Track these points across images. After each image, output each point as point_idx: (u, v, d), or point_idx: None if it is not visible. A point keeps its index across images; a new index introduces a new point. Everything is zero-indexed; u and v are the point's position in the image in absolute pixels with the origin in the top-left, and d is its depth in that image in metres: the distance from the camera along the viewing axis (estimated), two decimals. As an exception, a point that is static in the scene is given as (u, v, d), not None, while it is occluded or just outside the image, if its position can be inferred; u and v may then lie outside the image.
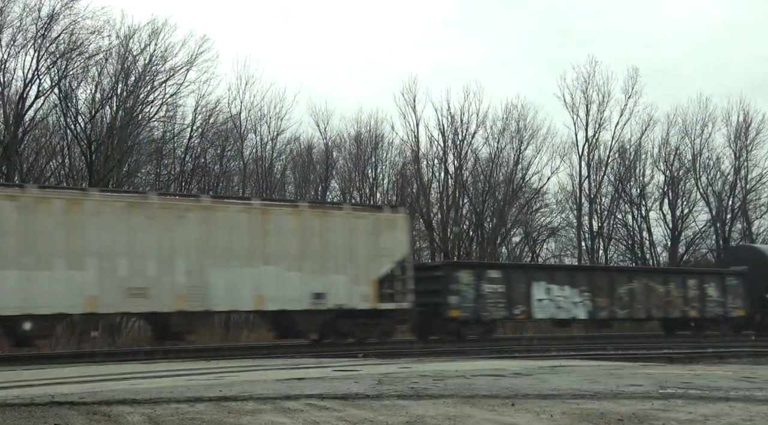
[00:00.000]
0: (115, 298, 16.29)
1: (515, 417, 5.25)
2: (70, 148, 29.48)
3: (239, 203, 18.82)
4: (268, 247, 18.13)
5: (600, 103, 39.08)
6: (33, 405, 5.68)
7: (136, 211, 16.83)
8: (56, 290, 15.64)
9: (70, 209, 16.12)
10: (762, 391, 6.71)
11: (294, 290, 18.30)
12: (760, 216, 42.09)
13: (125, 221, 16.59)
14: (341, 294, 18.99)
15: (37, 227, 15.61)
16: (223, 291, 17.49)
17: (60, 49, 26.93)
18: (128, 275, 16.45)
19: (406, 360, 12.51)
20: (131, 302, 16.54)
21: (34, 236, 15.54)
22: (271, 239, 18.18)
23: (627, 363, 11.74)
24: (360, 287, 19.32)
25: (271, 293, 18.01)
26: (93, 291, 16.03)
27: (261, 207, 18.60)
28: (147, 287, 16.61)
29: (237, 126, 34.00)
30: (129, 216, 16.68)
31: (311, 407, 5.66)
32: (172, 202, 18.00)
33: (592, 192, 39.82)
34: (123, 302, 16.47)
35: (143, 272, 16.62)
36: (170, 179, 32.19)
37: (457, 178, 38.03)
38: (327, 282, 18.80)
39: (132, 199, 17.34)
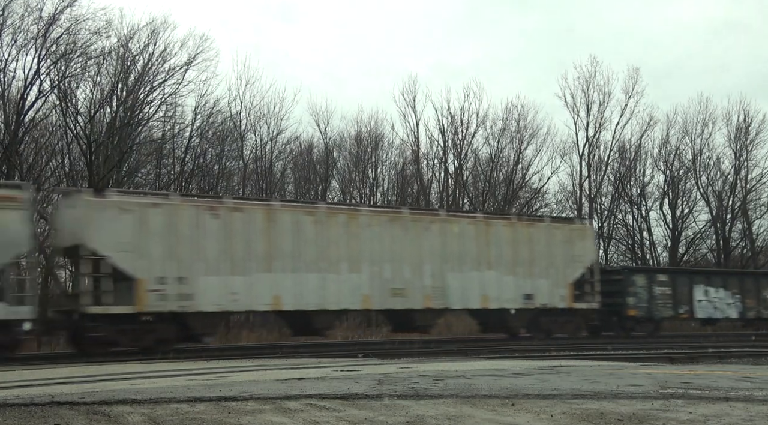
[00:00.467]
0: (382, 297, 19.46)
1: (515, 417, 5.25)
2: (70, 148, 29.48)
3: (467, 217, 22.42)
4: (490, 254, 21.36)
5: (601, 104, 39.12)
6: (33, 405, 5.68)
7: (395, 223, 20.15)
8: (342, 290, 18.88)
9: (349, 221, 19.47)
10: (762, 391, 6.70)
11: (509, 292, 21.48)
12: (760, 216, 42.11)
13: (388, 232, 19.84)
14: (545, 295, 22.11)
15: (328, 237, 18.89)
16: (458, 292, 20.64)
17: (60, 50, 26.95)
18: (391, 278, 19.66)
19: (406, 360, 12.51)
20: (393, 301, 19.68)
21: (326, 244, 18.81)
22: (492, 247, 21.43)
23: (627, 363, 11.74)
24: (559, 289, 22.48)
25: (493, 294, 21.28)
26: (367, 291, 19.26)
27: (484, 220, 21.99)
28: (404, 288, 19.77)
29: (237, 126, 34.03)
30: (390, 228, 19.98)
31: (311, 407, 5.66)
32: (420, 215, 21.34)
33: (592, 192, 39.83)
34: (387, 301, 19.62)
35: (401, 276, 19.82)
36: (170, 179, 32.19)
37: (457, 178, 38.04)
38: (534, 285, 21.94)
39: (391, 213, 21.18)
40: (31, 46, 26.66)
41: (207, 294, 17.10)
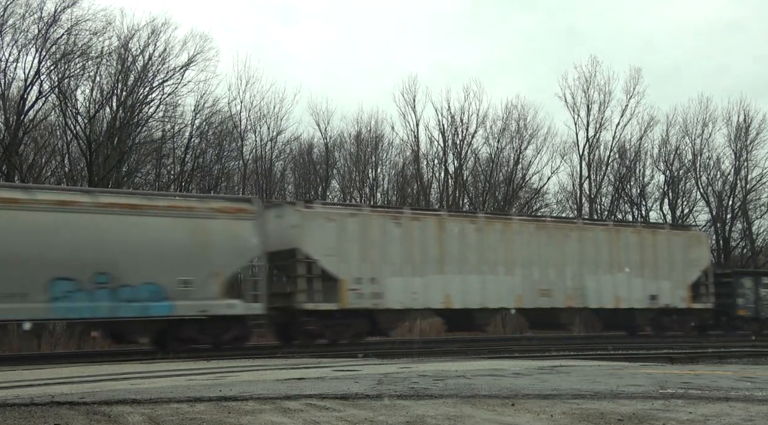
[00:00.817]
0: (532, 296, 21.67)
1: (515, 417, 5.25)
2: (70, 148, 29.50)
3: (600, 225, 24.68)
4: (621, 258, 23.44)
5: (601, 104, 39.12)
6: (33, 405, 5.67)
7: (541, 231, 22.40)
8: (499, 290, 21.17)
9: (504, 229, 21.79)
10: (762, 391, 6.70)
11: (637, 293, 23.63)
12: (760, 216, 42.10)
13: (536, 239, 22.07)
14: (667, 296, 24.28)
15: (487, 243, 21.17)
16: (594, 292, 22.82)
17: (61, 50, 26.96)
18: (539, 279, 21.85)
19: (406, 360, 12.51)
20: (541, 300, 21.86)
21: (485, 249, 21.08)
22: (622, 252, 23.56)
23: (627, 363, 11.74)
24: (679, 290, 24.64)
25: (624, 295, 23.32)
26: (519, 291, 21.51)
27: (614, 228, 24.34)
28: (549, 289, 21.96)
29: (237, 126, 34.04)
30: (537, 235, 22.15)
31: (311, 407, 5.66)
32: (562, 224, 24.01)
33: (592, 192, 39.83)
34: (536, 300, 21.79)
35: (547, 278, 21.99)
36: (170, 179, 32.20)
37: (457, 178, 38.05)
38: (658, 286, 24.07)
39: (537, 222, 23.41)
40: (32, 46, 26.70)
41: (393, 293, 19.55)
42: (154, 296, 16.21)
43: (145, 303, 16.08)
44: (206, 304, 16.69)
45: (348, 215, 19.45)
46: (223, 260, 16.92)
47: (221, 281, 16.99)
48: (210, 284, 16.76)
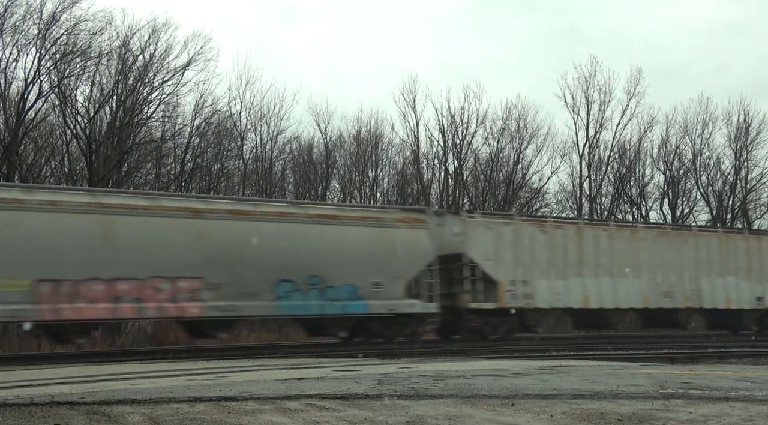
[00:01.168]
0: (656, 297, 23.49)
1: (515, 417, 5.25)
2: (70, 148, 29.50)
3: (712, 231, 26.65)
4: (730, 263, 25.13)
5: (601, 104, 39.12)
6: (33, 405, 5.67)
7: (662, 237, 24.30)
8: (629, 292, 23.00)
9: (631, 236, 23.68)
10: (762, 391, 6.70)
11: (745, 294, 25.24)
12: (760, 216, 42.09)
13: (658, 245, 23.92)
14: None
15: (617, 249, 23.06)
16: (708, 294, 24.49)
17: (61, 50, 26.96)
18: (661, 282, 23.64)
19: (406, 360, 12.51)
20: (663, 301, 23.63)
21: (616, 254, 22.95)
22: (731, 257, 25.20)
23: (627, 363, 11.74)
24: None
25: (734, 296, 25.03)
26: (646, 292, 23.38)
27: (724, 234, 26.08)
28: (670, 291, 23.77)
29: (237, 126, 34.05)
30: (659, 241, 24.08)
31: (311, 407, 5.66)
32: (680, 230, 26.04)
33: (592, 192, 39.84)
34: (660, 301, 23.57)
35: (668, 280, 23.78)
36: (170, 179, 32.20)
37: (457, 178, 38.05)
38: (763, 289, 25.69)
39: (659, 229, 25.51)
40: (32, 46, 26.70)
41: (541, 294, 21.66)
42: (352, 295, 18.69)
43: (345, 302, 18.59)
44: (393, 303, 19.16)
45: (503, 224, 21.88)
46: (406, 264, 19.40)
47: (404, 283, 19.48)
48: (395, 285, 19.25)
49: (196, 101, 31.30)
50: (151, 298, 16.34)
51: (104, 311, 15.93)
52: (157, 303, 16.39)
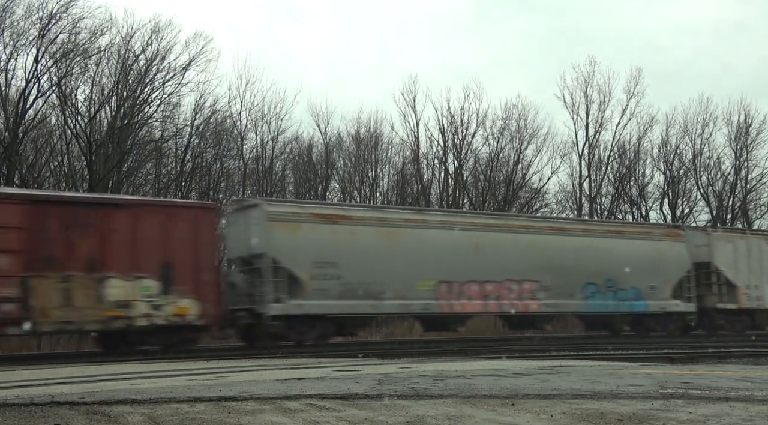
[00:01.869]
0: None
1: (515, 417, 5.25)
2: (70, 148, 29.49)
3: None
4: None
5: (601, 104, 39.14)
6: (33, 405, 5.67)
7: None
8: None
9: None
10: (762, 391, 6.70)
11: None
12: (760, 216, 42.14)
13: None
14: None
15: None
16: None
17: (61, 50, 26.96)
18: None
19: (406, 360, 12.51)
20: None
21: None
22: None
23: (627, 363, 11.73)
24: None
25: None
26: None
27: None
28: None
29: (237, 126, 34.05)
30: None
31: (311, 407, 5.66)
32: None
33: (592, 192, 39.84)
34: None
35: None
36: (170, 179, 32.21)
37: (457, 178, 38.05)
38: None
39: None
40: (32, 46, 26.70)
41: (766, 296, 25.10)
42: (636, 296, 22.95)
43: (631, 302, 22.90)
44: (664, 303, 23.41)
45: (738, 237, 25.76)
46: (672, 271, 23.58)
47: (671, 286, 23.56)
48: (665, 288, 23.41)
49: (196, 101, 31.33)
50: (506, 296, 20.95)
51: (478, 306, 20.65)
52: (509, 301, 20.96)
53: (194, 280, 16.51)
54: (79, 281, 15.33)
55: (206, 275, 16.80)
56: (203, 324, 17.00)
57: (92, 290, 15.49)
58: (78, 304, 15.29)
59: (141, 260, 15.93)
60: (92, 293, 15.48)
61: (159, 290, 16.18)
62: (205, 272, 16.80)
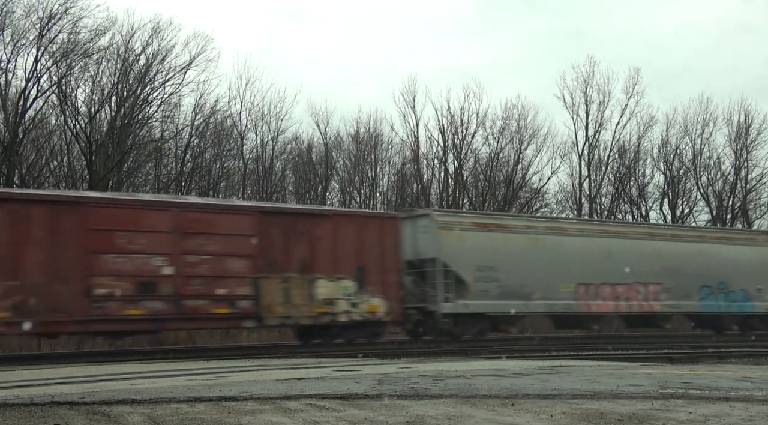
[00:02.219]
0: None
1: (515, 417, 5.25)
2: (70, 148, 29.49)
3: None
4: None
5: (600, 104, 39.15)
6: (33, 405, 5.67)
7: None
8: None
9: None
10: (762, 391, 6.70)
11: None
12: (760, 216, 42.16)
13: None
14: None
15: None
16: None
17: (61, 49, 26.96)
18: None
19: (406, 360, 12.51)
20: None
21: None
22: None
23: (627, 363, 11.73)
24: None
25: None
26: None
27: None
28: None
29: (237, 126, 34.05)
30: None
31: (311, 407, 5.66)
32: None
33: (592, 192, 39.85)
34: None
35: None
36: (170, 179, 32.20)
37: (457, 178, 38.06)
38: None
39: None
40: (32, 46, 26.70)
41: None
42: (744, 298, 24.96)
43: (740, 303, 24.90)
44: (765, 305, 25.21)
45: None
46: None
47: None
48: None
49: (196, 101, 31.34)
50: (634, 297, 23.16)
51: (610, 306, 22.77)
52: (636, 301, 23.24)
53: (382, 281, 18.99)
54: (295, 282, 17.78)
55: (391, 277, 19.24)
56: (389, 320, 19.47)
57: (305, 290, 17.92)
58: (295, 302, 17.77)
59: (341, 264, 18.37)
60: (305, 292, 17.91)
61: (355, 289, 18.55)
62: (390, 274, 19.22)
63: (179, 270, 16.33)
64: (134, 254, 15.92)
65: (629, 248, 23.29)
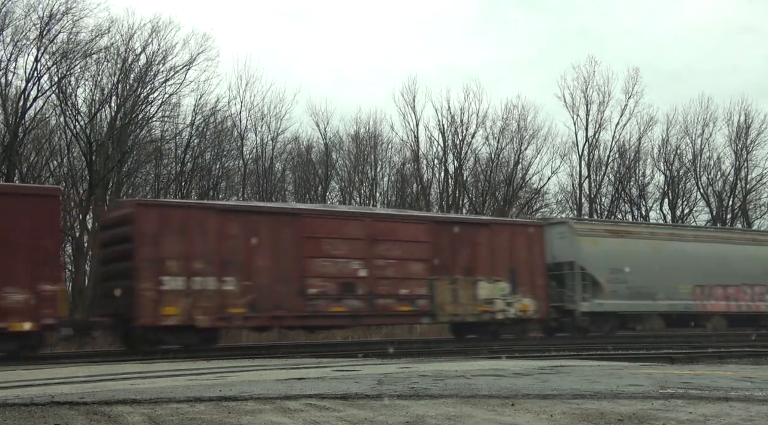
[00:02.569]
0: None
1: (515, 417, 5.25)
2: (70, 148, 29.48)
3: None
4: None
5: (600, 104, 39.15)
6: (33, 405, 5.67)
7: None
8: None
9: None
10: (762, 391, 6.70)
11: None
12: (760, 216, 42.18)
13: None
14: None
15: None
16: None
17: (61, 49, 26.94)
18: None
19: (406, 360, 12.51)
20: None
21: None
22: None
23: (627, 363, 11.73)
24: None
25: None
26: None
27: None
28: None
29: (237, 126, 34.04)
30: None
31: (311, 407, 5.66)
32: None
33: (592, 192, 39.84)
34: None
35: None
36: (170, 180, 32.18)
37: (457, 178, 38.04)
38: None
39: None
40: (32, 45, 26.69)
41: None
42: None
43: None
44: None
45: None
46: None
47: None
48: None
49: (196, 101, 31.32)
50: (741, 298, 25.48)
51: (722, 306, 25.16)
52: (744, 302, 25.50)
53: (531, 283, 21.21)
54: (461, 283, 20.08)
55: (538, 279, 21.44)
56: (537, 318, 21.76)
57: (469, 290, 20.16)
58: (461, 301, 20.06)
59: (497, 267, 20.59)
60: (470, 292, 20.15)
61: (509, 290, 20.73)
62: (538, 277, 21.42)
63: (371, 272, 18.78)
64: (337, 258, 18.45)
65: (738, 252, 25.74)
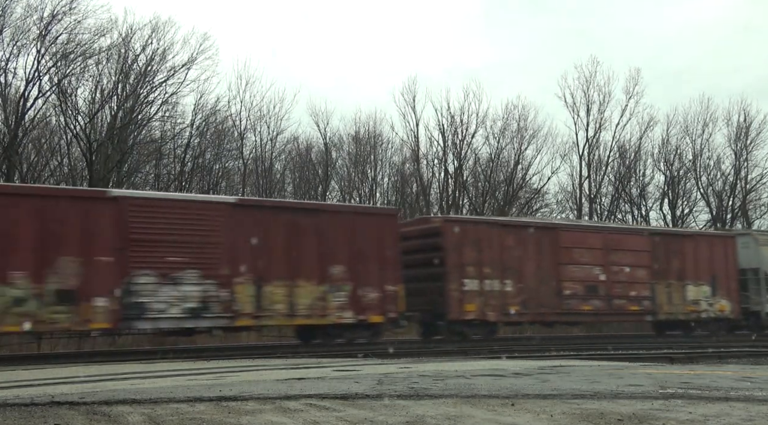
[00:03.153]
0: None
1: (515, 417, 5.25)
2: (70, 148, 29.49)
3: None
4: None
5: (601, 104, 39.16)
6: (33, 405, 5.67)
7: None
8: None
9: None
10: (762, 391, 6.70)
11: None
12: (760, 216, 42.18)
13: None
14: None
15: None
16: None
17: (61, 49, 26.94)
18: None
19: (406, 360, 12.50)
20: None
21: None
22: None
23: (627, 363, 11.73)
24: None
25: None
26: None
27: None
28: None
29: (237, 126, 34.05)
30: None
31: (311, 407, 5.66)
32: None
33: (593, 192, 39.84)
34: None
35: None
36: (170, 179, 32.19)
37: (457, 178, 38.05)
38: None
39: None
40: (32, 46, 26.69)
41: None
42: None
43: None
44: None
45: None
46: None
47: None
48: None
49: (196, 101, 31.34)
50: None
51: None
52: None
53: (726, 286, 24.51)
54: (674, 287, 23.48)
55: (732, 284, 24.77)
56: (732, 318, 24.77)
57: (681, 293, 23.63)
58: (675, 302, 23.43)
59: (700, 272, 23.93)
60: (681, 294, 23.61)
61: (710, 293, 24.08)
62: (732, 281, 24.73)
63: (609, 277, 22.09)
64: (583, 265, 21.79)
65: None
